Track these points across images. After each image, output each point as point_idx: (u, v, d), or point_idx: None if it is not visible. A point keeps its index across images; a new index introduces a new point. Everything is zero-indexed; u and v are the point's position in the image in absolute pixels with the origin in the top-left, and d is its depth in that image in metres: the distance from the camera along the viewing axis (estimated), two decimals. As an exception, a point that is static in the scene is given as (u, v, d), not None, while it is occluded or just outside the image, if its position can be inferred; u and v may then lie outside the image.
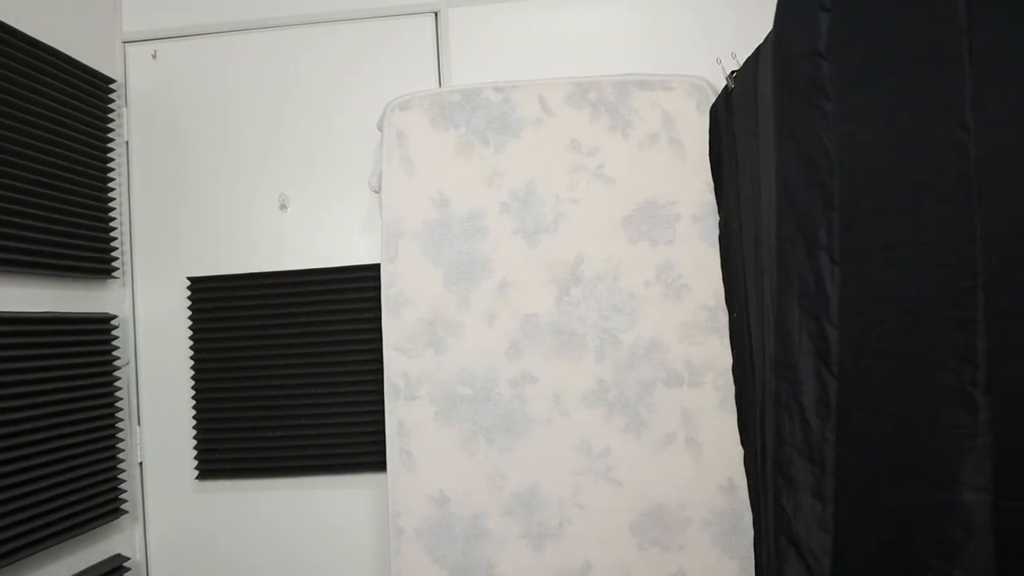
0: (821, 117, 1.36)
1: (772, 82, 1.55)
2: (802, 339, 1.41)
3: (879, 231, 1.22)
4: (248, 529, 2.41)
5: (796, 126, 1.44)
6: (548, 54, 2.36)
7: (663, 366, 2.07)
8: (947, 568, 1.09)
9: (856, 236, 1.28)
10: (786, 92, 1.48)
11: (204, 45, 2.47)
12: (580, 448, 2.07)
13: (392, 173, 2.16)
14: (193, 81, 2.47)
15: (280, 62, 2.44)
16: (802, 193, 1.42)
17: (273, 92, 2.44)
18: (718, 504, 2.04)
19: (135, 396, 2.44)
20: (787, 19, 1.48)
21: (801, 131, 1.42)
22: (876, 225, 1.23)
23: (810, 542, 1.41)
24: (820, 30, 1.35)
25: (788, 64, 1.47)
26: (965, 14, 1.02)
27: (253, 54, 2.45)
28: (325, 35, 2.43)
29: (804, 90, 1.40)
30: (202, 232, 2.44)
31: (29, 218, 1.99)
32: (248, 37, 2.46)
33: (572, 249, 2.11)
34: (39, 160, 2.04)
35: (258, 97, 2.44)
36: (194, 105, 2.46)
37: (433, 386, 2.11)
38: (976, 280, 1.02)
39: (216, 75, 2.46)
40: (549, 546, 2.07)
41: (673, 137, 2.12)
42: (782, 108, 1.51)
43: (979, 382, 1.03)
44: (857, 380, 1.29)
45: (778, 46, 1.53)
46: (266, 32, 2.45)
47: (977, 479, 1.04)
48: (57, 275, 2.13)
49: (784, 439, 1.46)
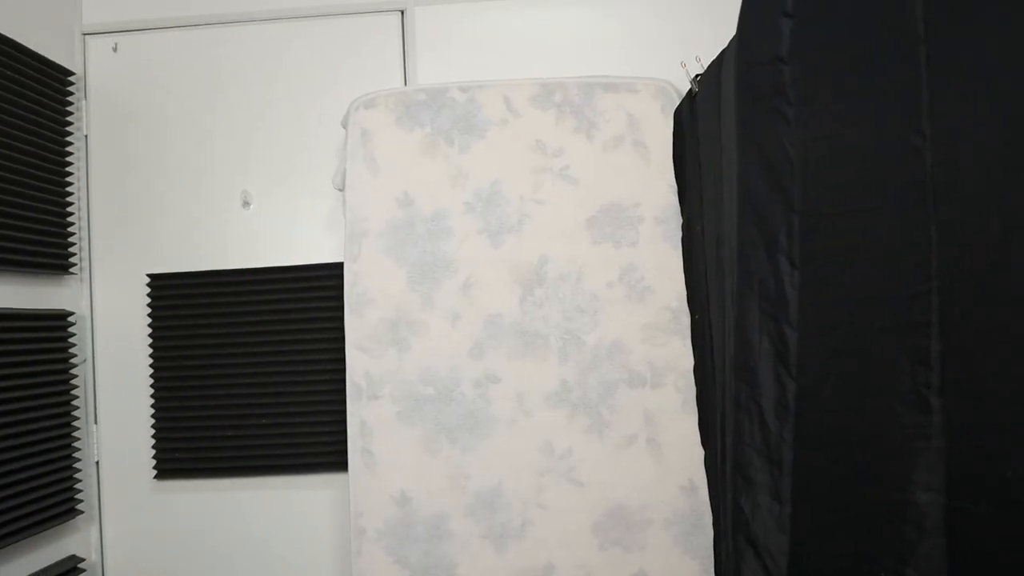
0: (783, 122, 1.38)
1: (735, 86, 1.56)
2: (762, 341, 1.43)
3: (838, 235, 1.24)
4: (207, 530, 2.39)
5: (758, 130, 1.46)
6: (514, 54, 2.36)
7: (625, 367, 2.08)
8: (900, 567, 1.10)
9: (815, 240, 1.30)
10: (748, 97, 1.50)
11: (167, 39, 2.44)
12: (543, 449, 2.07)
13: (356, 172, 2.15)
14: (155, 75, 2.43)
15: (244, 58, 2.42)
16: (763, 197, 1.43)
17: (236, 88, 2.41)
18: (679, 505, 2.06)
19: (92, 394, 2.40)
20: (750, 24, 1.50)
21: (763, 135, 1.43)
22: (835, 229, 1.25)
23: (768, 542, 1.42)
24: (782, 36, 1.36)
25: (751, 69, 1.48)
26: (922, 21, 1.04)
27: (216, 49, 2.43)
28: (290, 32, 2.41)
29: (766, 95, 1.41)
30: (162, 229, 2.41)
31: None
32: (211, 32, 2.43)
33: (536, 250, 2.11)
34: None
35: (221, 93, 2.41)
36: (155, 100, 2.42)
37: (396, 386, 2.10)
38: (931, 284, 1.04)
39: (178, 70, 2.43)
40: (511, 546, 2.07)
41: (637, 139, 2.13)
42: (744, 112, 1.52)
43: (933, 384, 1.05)
44: (815, 382, 1.31)
45: (741, 51, 1.55)
46: (230, 27, 2.42)
47: (930, 480, 1.06)
48: (13, 270, 2.09)
49: (743, 440, 1.48)
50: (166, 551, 2.39)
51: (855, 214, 1.20)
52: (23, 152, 2.11)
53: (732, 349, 1.54)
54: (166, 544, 2.39)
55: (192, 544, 2.39)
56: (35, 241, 2.15)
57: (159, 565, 2.39)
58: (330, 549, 2.36)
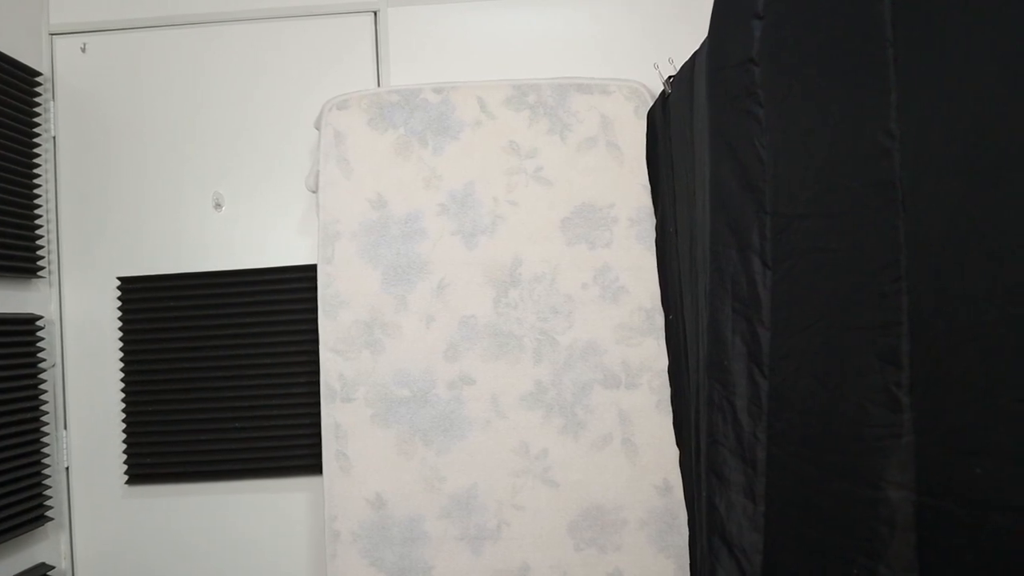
0: (754, 123, 1.39)
1: (707, 88, 1.57)
2: (734, 341, 1.44)
3: (809, 235, 1.25)
4: (180, 535, 2.36)
5: (730, 131, 1.47)
6: (488, 56, 2.36)
7: (600, 368, 2.09)
8: (872, 564, 1.11)
9: (787, 240, 1.31)
10: (720, 98, 1.51)
11: (137, 39, 2.41)
12: (518, 449, 2.07)
13: (329, 173, 2.14)
14: (125, 76, 2.40)
15: (216, 59, 2.40)
16: (735, 197, 1.44)
17: (207, 89, 2.39)
18: (654, 504, 2.07)
19: (61, 399, 2.37)
20: (721, 26, 1.51)
21: (735, 136, 1.44)
22: (806, 229, 1.26)
23: (742, 541, 1.43)
24: (753, 37, 1.37)
25: (722, 70, 1.49)
26: (891, 24, 1.05)
27: (188, 50, 2.40)
28: (262, 33, 2.40)
29: (738, 96, 1.42)
30: (133, 231, 2.38)
31: (-51, 215, 1.93)
32: (183, 32, 2.41)
33: (510, 251, 2.11)
34: (-40, 155, 1.98)
35: (193, 94, 2.39)
36: (126, 100, 2.40)
37: (370, 388, 2.10)
38: (900, 283, 1.05)
39: (149, 70, 2.40)
40: (487, 548, 2.07)
41: (611, 141, 2.13)
42: (716, 113, 1.53)
43: (903, 383, 1.06)
44: (787, 381, 1.32)
45: (713, 52, 1.56)
46: (200, 28, 2.40)
47: (901, 477, 1.07)
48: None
49: (717, 439, 1.48)
50: (138, 558, 2.36)
51: (825, 214, 1.21)
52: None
53: (705, 349, 1.55)
54: (138, 551, 2.37)
55: (164, 550, 2.36)
56: (3, 244, 2.12)
57: (131, 572, 2.36)
58: (305, 552, 2.35)
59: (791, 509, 1.33)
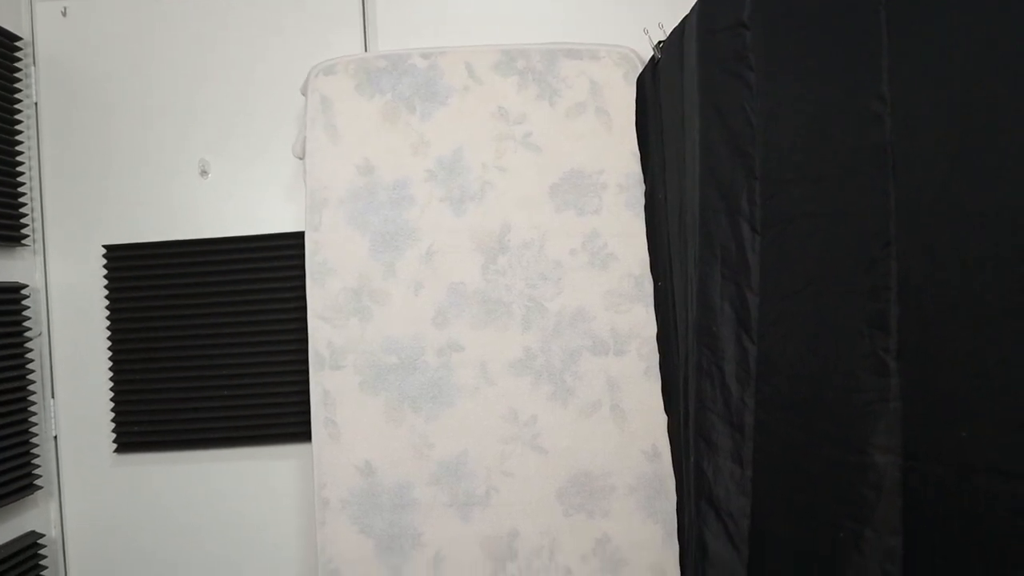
0: (744, 88, 1.38)
1: (697, 53, 1.55)
2: (723, 306, 1.44)
3: (798, 201, 1.25)
4: (170, 503, 2.37)
5: (720, 96, 1.45)
6: (476, 21, 2.33)
7: (589, 334, 2.09)
8: (858, 528, 1.12)
9: (776, 205, 1.30)
10: (710, 63, 1.49)
11: (119, 2, 2.37)
12: (507, 416, 2.08)
13: (316, 139, 2.12)
14: (107, 40, 2.37)
15: (200, 23, 2.36)
16: (725, 163, 1.44)
17: (193, 54, 2.36)
18: (642, 470, 2.08)
19: (48, 368, 2.36)
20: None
21: (724, 101, 1.43)
22: (796, 195, 1.25)
23: (729, 505, 1.44)
24: (744, 1, 1.36)
25: (712, 35, 1.48)
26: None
27: (172, 13, 2.36)
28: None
29: (727, 61, 1.41)
30: (118, 198, 2.36)
31: (-70, 182, 1.90)
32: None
33: (499, 217, 2.10)
34: (-60, 121, 1.95)
35: (177, 58, 2.36)
36: (108, 65, 2.36)
37: (358, 355, 2.09)
38: (890, 249, 1.05)
39: (132, 34, 2.36)
40: (476, 514, 2.07)
41: (600, 107, 2.12)
42: (706, 78, 1.52)
43: (891, 348, 1.06)
44: (776, 346, 1.32)
45: (703, 17, 1.54)
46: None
47: (888, 442, 1.07)
48: (-38, 242, 2.04)
49: (705, 404, 1.49)
50: (128, 525, 2.37)
51: (815, 179, 1.20)
52: (-30, 120, 2.05)
53: (694, 314, 1.55)
54: (128, 518, 2.37)
55: (154, 518, 2.37)
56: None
57: (121, 540, 2.37)
58: (294, 520, 2.35)
59: (778, 473, 1.34)
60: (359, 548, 2.07)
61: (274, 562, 2.36)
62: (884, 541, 1.09)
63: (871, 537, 1.11)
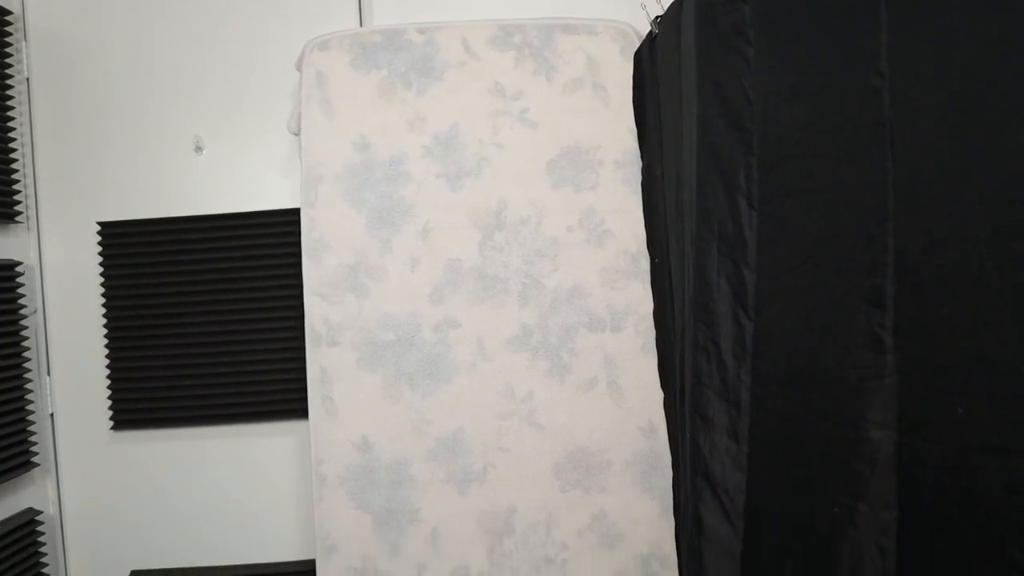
0: (742, 62, 1.37)
1: (695, 27, 1.54)
2: (720, 282, 1.44)
3: (796, 176, 1.24)
4: (167, 481, 2.37)
5: (718, 71, 1.45)
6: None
7: (585, 311, 2.09)
8: (853, 503, 1.13)
9: (774, 181, 1.30)
10: (709, 37, 1.48)
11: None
12: (503, 393, 2.08)
13: (311, 115, 2.11)
14: (100, 15, 2.34)
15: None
16: (722, 138, 1.43)
17: (187, 28, 2.33)
18: (639, 446, 2.08)
19: (44, 346, 2.36)
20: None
21: (722, 76, 1.43)
22: (793, 170, 1.25)
23: (725, 481, 1.44)
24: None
25: (711, 9, 1.46)
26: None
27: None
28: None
29: (726, 35, 1.40)
30: (112, 175, 2.34)
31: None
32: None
33: (495, 194, 2.09)
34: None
35: (170, 33, 2.34)
36: (101, 40, 2.34)
37: (355, 332, 2.09)
38: (887, 225, 1.05)
39: (124, 8, 2.34)
40: (473, 490, 2.08)
41: (597, 82, 2.11)
42: (704, 53, 1.51)
43: (887, 324, 1.06)
44: (772, 322, 1.32)
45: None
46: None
47: (883, 417, 1.08)
48: (-44, 220, 2.03)
49: (701, 380, 1.49)
50: (126, 503, 2.38)
51: (813, 155, 1.20)
52: (-39, 96, 2.03)
53: (691, 290, 1.55)
54: (125, 495, 2.38)
55: (152, 495, 2.37)
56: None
57: (119, 517, 2.38)
58: (292, 496, 2.36)
59: (774, 449, 1.34)
60: (357, 524, 2.08)
61: (272, 538, 2.37)
62: (879, 516, 1.10)
63: (866, 512, 1.12)
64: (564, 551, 2.07)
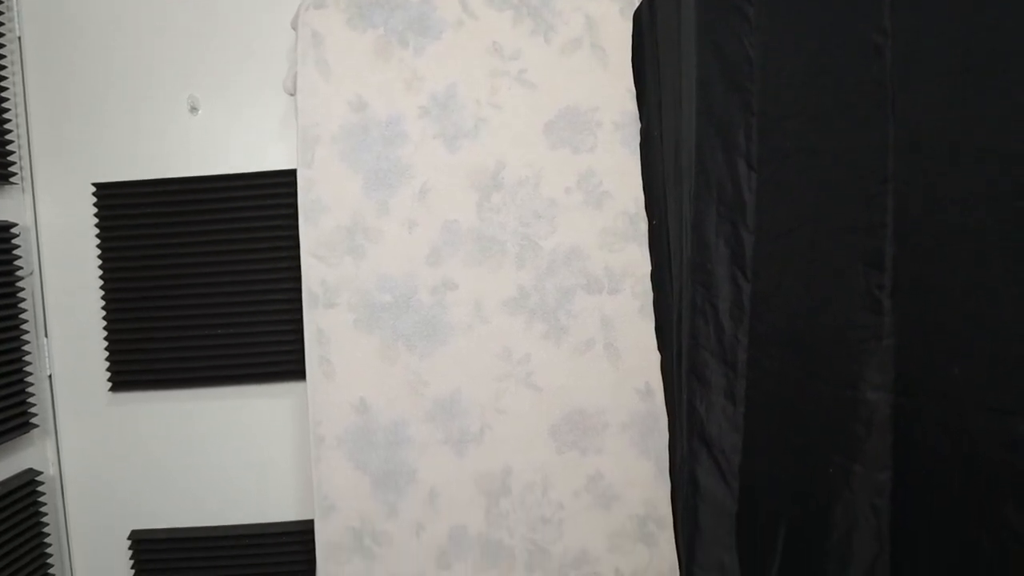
0: (743, 21, 1.35)
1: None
2: (718, 244, 1.43)
3: (796, 136, 1.23)
4: (166, 441, 2.39)
5: (717, 30, 1.43)
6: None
7: (583, 273, 2.08)
8: (848, 463, 1.13)
9: (773, 141, 1.29)
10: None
11: (103, -67, 2.30)
12: (501, 354, 2.08)
13: (307, 75, 2.09)
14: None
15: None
16: (722, 98, 1.42)
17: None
18: (635, 408, 2.09)
19: (41, 307, 2.35)
20: (711, -81, 1.45)
21: (722, 35, 1.41)
22: (793, 131, 1.24)
23: (721, 441, 1.45)
24: (744, -69, 1.33)
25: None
26: (886, -86, 1.01)
27: (157, -55, 2.30)
28: (235, -74, 2.30)
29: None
30: (107, 136, 2.32)
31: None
32: (151, -74, 2.30)
33: (493, 155, 2.08)
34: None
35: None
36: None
37: (352, 294, 2.09)
38: (887, 185, 1.04)
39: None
40: (470, 451, 2.09)
41: (596, 43, 2.08)
42: (704, 12, 1.49)
43: (886, 285, 1.06)
44: (770, 284, 1.32)
45: (702, -53, 1.51)
46: (171, -79, 2.30)
47: (880, 379, 1.08)
48: (-51, 180, 2.01)
49: (699, 341, 1.49)
50: (125, 463, 2.39)
51: (813, 115, 1.19)
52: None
53: (689, 252, 1.54)
54: (125, 456, 2.39)
55: (152, 455, 2.39)
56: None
57: (119, 477, 2.39)
58: (290, 457, 2.38)
59: (770, 410, 1.35)
60: (355, 484, 2.10)
61: (270, 499, 2.39)
62: (873, 477, 1.10)
63: (861, 472, 1.12)
64: (560, 511, 2.09)
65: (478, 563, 2.10)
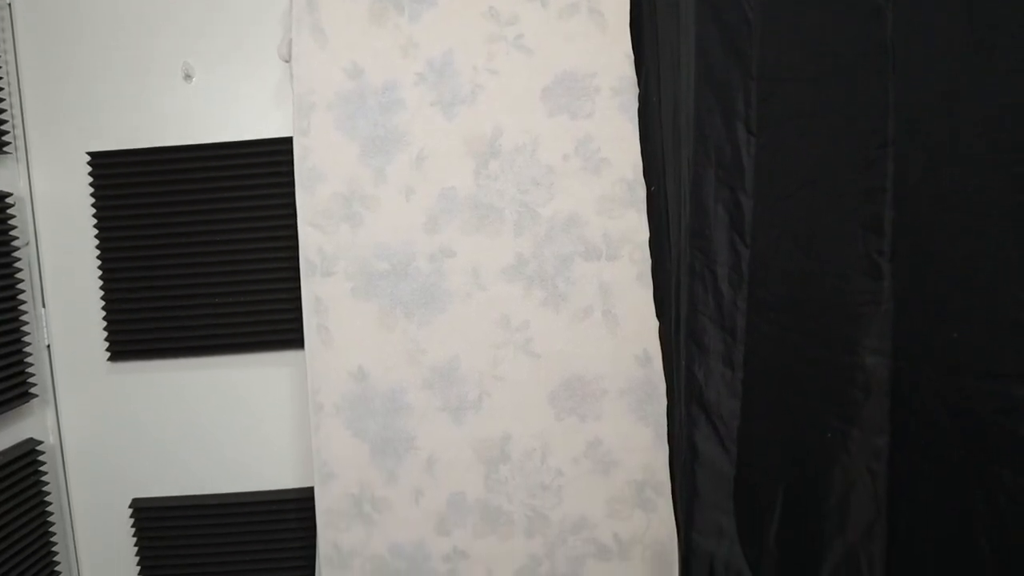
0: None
1: (694, -53, 1.50)
2: (717, 209, 1.43)
3: (795, 101, 1.22)
4: (166, 410, 2.39)
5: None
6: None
7: (581, 240, 2.08)
8: (845, 428, 1.14)
9: (773, 106, 1.28)
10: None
11: None
12: (499, 322, 2.08)
13: (302, 42, 2.07)
14: (82, -63, 2.27)
15: (177, -81, 2.27)
16: (721, 63, 1.40)
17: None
18: (634, 374, 2.10)
19: (38, 277, 2.35)
20: None
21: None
22: (793, 95, 1.23)
23: (720, 407, 1.46)
24: None
25: (710, -73, 1.43)
26: None
27: (148, -91, 2.27)
28: None
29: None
30: (101, 104, 2.30)
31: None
32: None
33: (490, 121, 2.06)
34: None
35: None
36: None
37: (349, 262, 2.08)
38: (887, 150, 1.03)
39: (108, -69, 2.27)
40: (469, 418, 2.10)
41: (593, 7, 2.06)
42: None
43: (885, 250, 1.06)
44: (769, 249, 1.32)
45: (701, -92, 1.49)
46: None
47: (879, 343, 1.08)
48: (-58, 149, 2.00)
49: (697, 308, 1.49)
50: (125, 432, 2.40)
51: (813, 78, 1.18)
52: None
53: (687, 218, 1.54)
54: (125, 425, 2.40)
55: (151, 424, 2.39)
56: (-36, 117, 2.05)
57: (119, 446, 2.40)
58: (289, 425, 2.38)
59: (769, 376, 1.35)
60: (354, 451, 2.11)
61: (270, 466, 2.40)
62: (871, 441, 1.11)
63: (858, 437, 1.13)
64: (559, 478, 2.10)
65: (477, 529, 2.12)
